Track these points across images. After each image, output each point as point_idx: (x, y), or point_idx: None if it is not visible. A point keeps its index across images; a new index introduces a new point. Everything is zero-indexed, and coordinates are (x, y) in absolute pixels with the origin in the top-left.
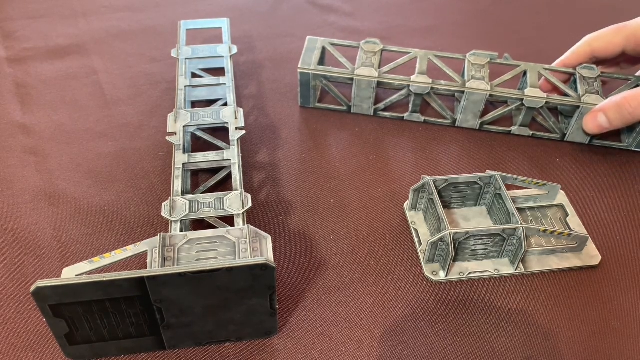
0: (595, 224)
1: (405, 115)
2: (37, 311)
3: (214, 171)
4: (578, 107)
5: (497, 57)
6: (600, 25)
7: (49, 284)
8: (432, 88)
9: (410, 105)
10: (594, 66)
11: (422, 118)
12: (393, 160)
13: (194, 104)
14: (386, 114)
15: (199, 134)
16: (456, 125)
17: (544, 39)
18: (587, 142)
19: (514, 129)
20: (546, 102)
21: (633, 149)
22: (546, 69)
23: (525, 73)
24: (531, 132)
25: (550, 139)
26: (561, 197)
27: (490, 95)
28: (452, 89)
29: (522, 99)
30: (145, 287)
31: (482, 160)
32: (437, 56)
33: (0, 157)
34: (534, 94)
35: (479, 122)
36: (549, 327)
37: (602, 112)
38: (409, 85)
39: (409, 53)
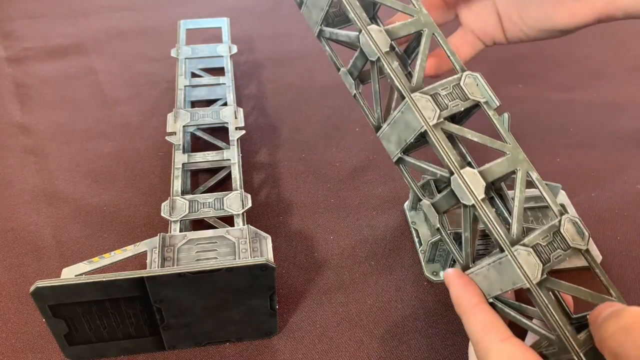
0: (596, 224)
1: (341, 70)
2: (36, 311)
3: (213, 171)
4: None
5: None
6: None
7: (49, 284)
8: (385, 56)
9: (351, 62)
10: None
11: (354, 91)
12: None
13: (194, 104)
14: (327, 46)
15: (199, 133)
16: (378, 134)
17: None
18: None
19: None
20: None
21: None
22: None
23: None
24: None
25: None
26: (562, 197)
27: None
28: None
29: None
30: (145, 288)
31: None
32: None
33: (0, 157)
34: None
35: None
36: None
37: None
38: (360, 32)
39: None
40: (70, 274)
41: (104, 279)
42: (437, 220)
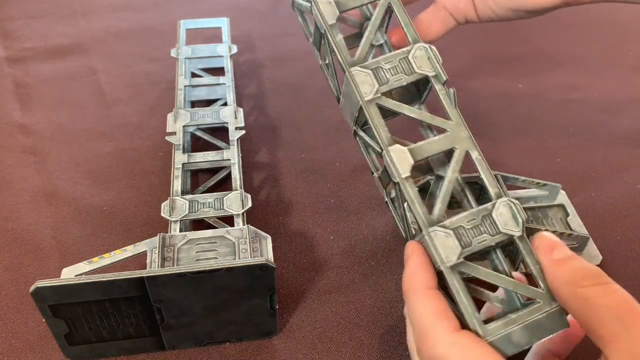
0: (596, 224)
1: (310, 40)
2: (36, 311)
3: (213, 171)
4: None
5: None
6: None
7: (49, 284)
8: (330, 28)
9: (305, 30)
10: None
11: (320, 61)
12: None
13: (194, 104)
14: (299, 17)
15: (199, 133)
16: (340, 106)
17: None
18: None
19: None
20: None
21: None
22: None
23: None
24: None
25: None
26: (562, 197)
27: None
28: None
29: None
30: (145, 288)
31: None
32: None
33: (0, 157)
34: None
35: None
36: None
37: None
38: (311, 3)
39: None
40: (70, 274)
41: (104, 279)
42: (384, 194)
